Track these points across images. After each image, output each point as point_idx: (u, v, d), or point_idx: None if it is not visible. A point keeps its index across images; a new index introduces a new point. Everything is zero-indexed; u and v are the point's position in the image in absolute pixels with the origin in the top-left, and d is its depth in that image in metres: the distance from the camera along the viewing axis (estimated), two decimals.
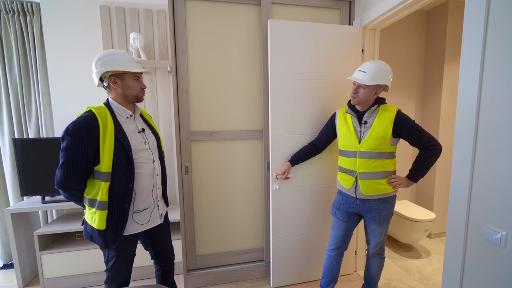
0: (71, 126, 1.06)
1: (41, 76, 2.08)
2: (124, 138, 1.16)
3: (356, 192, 1.48)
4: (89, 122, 1.08)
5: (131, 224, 1.22)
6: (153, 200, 1.28)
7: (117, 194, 1.15)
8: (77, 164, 1.07)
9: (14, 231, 1.87)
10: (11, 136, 2.12)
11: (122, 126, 1.18)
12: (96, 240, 1.18)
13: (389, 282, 1.98)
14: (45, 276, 1.88)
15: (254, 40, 1.84)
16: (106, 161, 1.11)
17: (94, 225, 1.15)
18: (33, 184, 1.90)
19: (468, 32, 1.10)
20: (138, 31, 2.13)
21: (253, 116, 1.91)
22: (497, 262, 1.04)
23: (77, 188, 1.12)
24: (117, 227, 1.16)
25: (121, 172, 1.14)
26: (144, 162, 1.23)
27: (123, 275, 1.27)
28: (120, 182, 1.15)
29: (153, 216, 1.30)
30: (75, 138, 1.06)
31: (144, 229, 1.26)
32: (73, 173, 1.08)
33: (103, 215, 1.13)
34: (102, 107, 1.17)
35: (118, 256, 1.22)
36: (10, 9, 2.00)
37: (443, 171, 2.58)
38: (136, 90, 1.23)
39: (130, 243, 1.25)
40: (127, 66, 1.17)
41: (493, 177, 1.04)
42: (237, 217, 1.97)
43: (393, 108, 1.40)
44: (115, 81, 1.18)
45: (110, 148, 1.11)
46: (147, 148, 1.26)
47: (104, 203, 1.12)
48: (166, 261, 1.46)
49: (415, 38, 2.59)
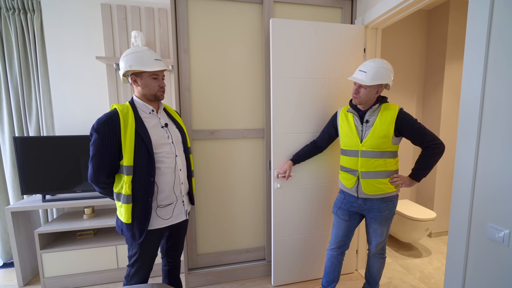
0: (96, 122, 1.14)
1: (41, 74, 2.07)
2: (145, 133, 1.18)
3: (358, 191, 1.48)
4: (110, 118, 1.14)
5: (155, 219, 1.24)
6: (175, 196, 1.29)
7: (139, 187, 1.17)
8: (103, 158, 1.13)
9: (14, 230, 1.86)
10: (11, 134, 2.11)
11: (144, 121, 1.21)
12: (125, 234, 1.22)
13: (390, 281, 1.98)
14: (46, 275, 1.88)
15: (256, 38, 1.84)
16: (127, 154, 1.14)
17: (122, 219, 1.20)
18: (33, 182, 1.89)
19: (471, 30, 1.10)
20: (139, 29, 2.12)
21: (255, 115, 1.91)
22: (500, 260, 1.04)
23: (105, 182, 1.18)
24: (142, 221, 1.19)
25: (142, 166, 1.17)
26: (166, 156, 1.24)
27: (143, 272, 1.30)
28: (141, 176, 1.17)
29: (177, 211, 1.30)
30: (100, 134, 1.12)
31: (167, 225, 1.28)
32: (101, 167, 1.14)
33: (128, 208, 1.17)
34: (126, 104, 1.22)
35: (141, 251, 1.25)
36: (11, 6, 1.99)
37: (444, 170, 2.58)
38: (154, 89, 1.24)
39: (154, 239, 1.27)
40: (144, 65, 1.19)
41: (497, 175, 1.04)
42: (238, 216, 1.97)
43: (395, 107, 1.40)
44: (135, 79, 1.22)
45: (131, 142, 1.15)
46: (170, 142, 1.27)
47: (128, 197, 1.16)
48: (175, 257, 1.47)
49: (416, 38, 2.59)
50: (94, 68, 2.12)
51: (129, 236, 1.20)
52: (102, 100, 2.16)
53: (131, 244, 1.25)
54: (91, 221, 1.98)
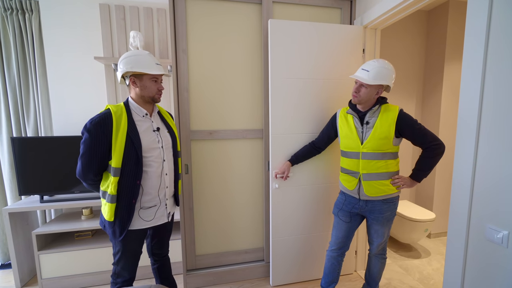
0: (89, 122, 1.15)
1: (39, 74, 2.06)
2: (136, 137, 1.20)
3: (360, 193, 1.47)
4: (103, 119, 1.16)
5: (137, 220, 1.26)
6: (159, 199, 1.31)
7: (125, 189, 1.20)
8: (92, 158, 1.16)
9: (12, 231, 1.85)
10: (9, 134, 2.10)
11: (136, 125, 1.23)
12: (107, 230, 1.25)
13: (389, 282, 1.98)
14: (44, 276, 1.87)
15: (255, 39, 1.83)
16: (116, 157, 1.17)
17: (105, 216, 1.23)
18: (31, 183, 1.88)
19: (470, 30, 1.10)
20: (138, 29, 2.12)
21: (254, 115, 1.90)
22: (499, 261, 1.04)
23: (92, 179, 1.20)
24: (124, 220, 1.22)
25: (129, 169, 1.20)
26: (154, 161, 1.27)
27: (128, 270, 1.32)
28: (128, 178, 1.20)
29: (159, 214, 1.33)
30: (91, 134, 1.14)
31: (148, 226, 1.30)
32: (89, 166, 1.16)
33: (111, 207, 1.19)
34: (120, 106, 1.23)
35: (124, 249, 1.28)
36: (9, 6, 1.98)
37: (443, 171, 2.58)
38: (152, 91, 1.27)
39: (136, 238, 1.30)
40: (146, 68, 1.22)
41: (495, 176, 1.04)
42: (237, 216, 1.96)
43: (395, 108, 1.40)
44: (134, 81, 1.24)
45: (121, 145, 1.17)
46: (160, 147, 1.29)
47: (112, 197, 1.19)
48: (161, 255, 1.50)
49: (415, 38, 2.59)
50: (93, 69, 2.12)
51: (110, 233, 1.24)
52: (101, 100, 2.15)
53: (114, 242, 1.28)
54: (89, 222, 1.98)
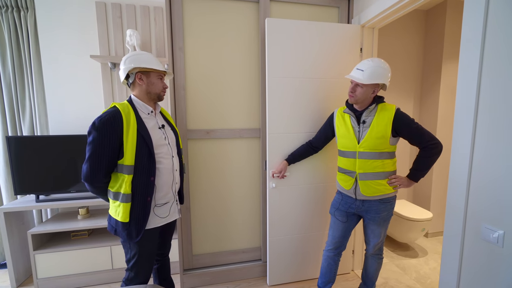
0: (97, 120, 1.11)
1: (35, 72, 2.04)
2: (146, 133, 1.20)
3: (356, 193, 1.46)
4: (114, 117, 1.13)
5: (152, 218, 1.25)
6: (172, 194, 1.33)
7: (139, 187, 1.18)
8: (103, 157, 1.12)
9: (7, 231, 1.84)
10: (5, 133, 2.08)
11: (144, 122, 1.22)
12: (120, 233, 1.20)
13: (386, 282, 1.98)
14: (39, 276, 1.85)
15: (252, 37, 1.82)
16: (129, 154, 1.15)
17: (118, 218, 1.19)
18: (27, 182, 1.87)
19: (467, 29, 1.09)
20: (134, 27, 2.10)
21: (251, 115, 1.89)
22: (494, 261, 1.04)
23: (102, 181, 1.16)
24: (140, 220, 1.19)
25: (143, 166, 1.18)
26: (164, 157, 1.26)
27: (143, 275, 1.28)
28: (142, 175, 1.18)
29: (173, 210, 1.35)
30: (101, 132, 1.10)
31: (164, 223, 1.30)
32: (99, 166, 1.12)
33: (126, 207, 1.17)
34: (125, 103, 1.22)
35: (140, 252, 1.24)
36: (4, 4, 1.96)
37: (441, 170, 2.58)
38: (159, 88, 1.28)
39: (152, 238, 1.28)
40: (153, 65, 1.24)
41: (491, 176, 1.04)
42: (234, 216, 1.96)
43: (392, 107, 1.39)
44: (141, 77, 1.24)
45: (133, 142, 1.16)
46: (167, 143, 1.30)
47: (127, 196, 1.16)
48: (163, 255, 1.49)
49: (413, 37, 2.59)
50: (89, 67, 2.10)
51: (125, 235, 1.19)
52: (97, 99, 2.13)
53: (129, 245, 1.24)
54: (86, 222, 1.96)
